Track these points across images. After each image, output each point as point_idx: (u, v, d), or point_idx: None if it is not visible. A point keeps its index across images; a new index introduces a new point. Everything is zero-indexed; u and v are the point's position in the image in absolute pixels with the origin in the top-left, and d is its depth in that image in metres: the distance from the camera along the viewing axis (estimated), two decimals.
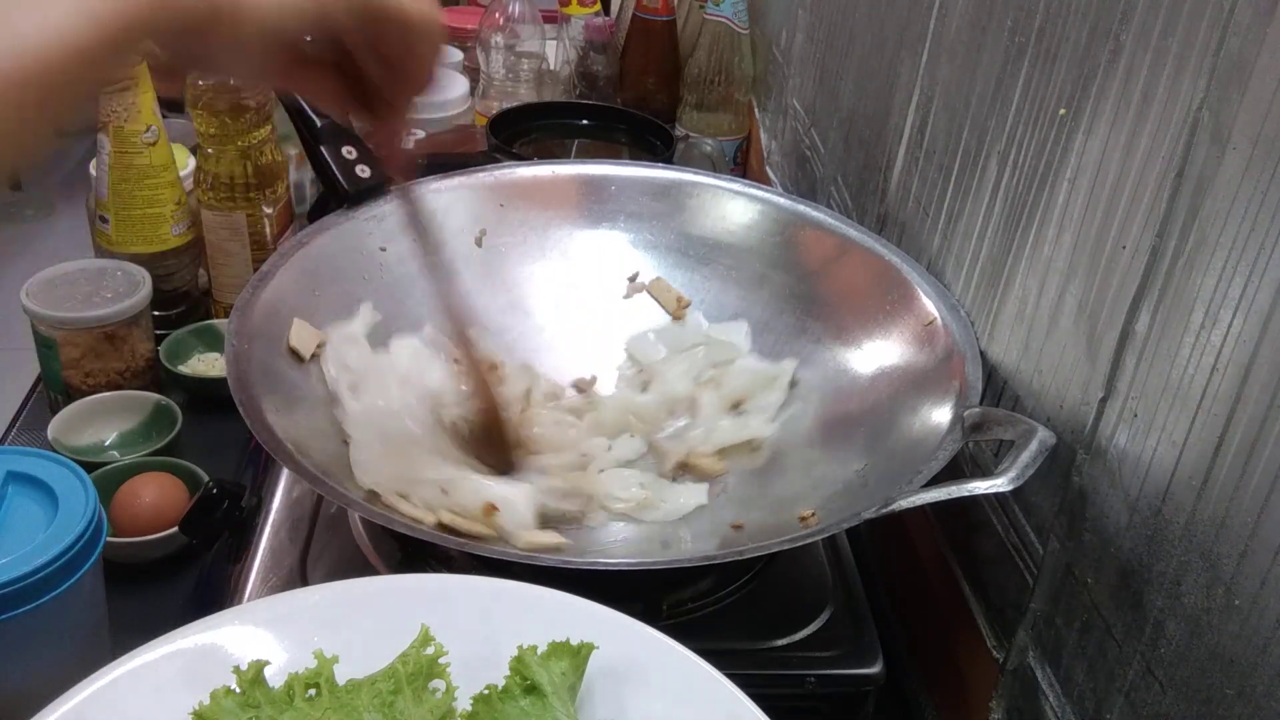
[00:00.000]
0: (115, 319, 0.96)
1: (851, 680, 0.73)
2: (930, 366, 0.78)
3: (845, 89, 1.08)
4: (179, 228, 1.07)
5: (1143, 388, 0.56)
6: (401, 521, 0.67)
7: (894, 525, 0.85)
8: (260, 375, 0.74)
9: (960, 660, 0.76)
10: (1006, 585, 0.70)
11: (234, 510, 0.82)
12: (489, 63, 1.44)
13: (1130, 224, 0.57)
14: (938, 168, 0.83)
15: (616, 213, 0.97)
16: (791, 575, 0.79)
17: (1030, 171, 0.68)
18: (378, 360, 0.83)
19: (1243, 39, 0.49)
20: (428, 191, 0.92)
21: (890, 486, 0.67)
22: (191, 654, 0.54)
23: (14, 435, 1.02)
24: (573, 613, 0.57)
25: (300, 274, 0.83)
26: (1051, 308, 0.66)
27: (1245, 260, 0.48)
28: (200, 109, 1.02)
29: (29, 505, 0.68)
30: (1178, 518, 0.52)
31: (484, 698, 0.51)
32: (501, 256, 0.94)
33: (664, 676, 0.55)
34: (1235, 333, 0.48)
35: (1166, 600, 0.53)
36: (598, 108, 1.37)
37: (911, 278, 0.83)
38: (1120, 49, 0.58)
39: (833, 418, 0.83)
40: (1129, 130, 0.58)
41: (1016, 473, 0.62)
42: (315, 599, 0.59)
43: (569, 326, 0.93)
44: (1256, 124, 0.47)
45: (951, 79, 0.81)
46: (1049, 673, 0.64)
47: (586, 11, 1.56)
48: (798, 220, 0.92)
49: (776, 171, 1.34)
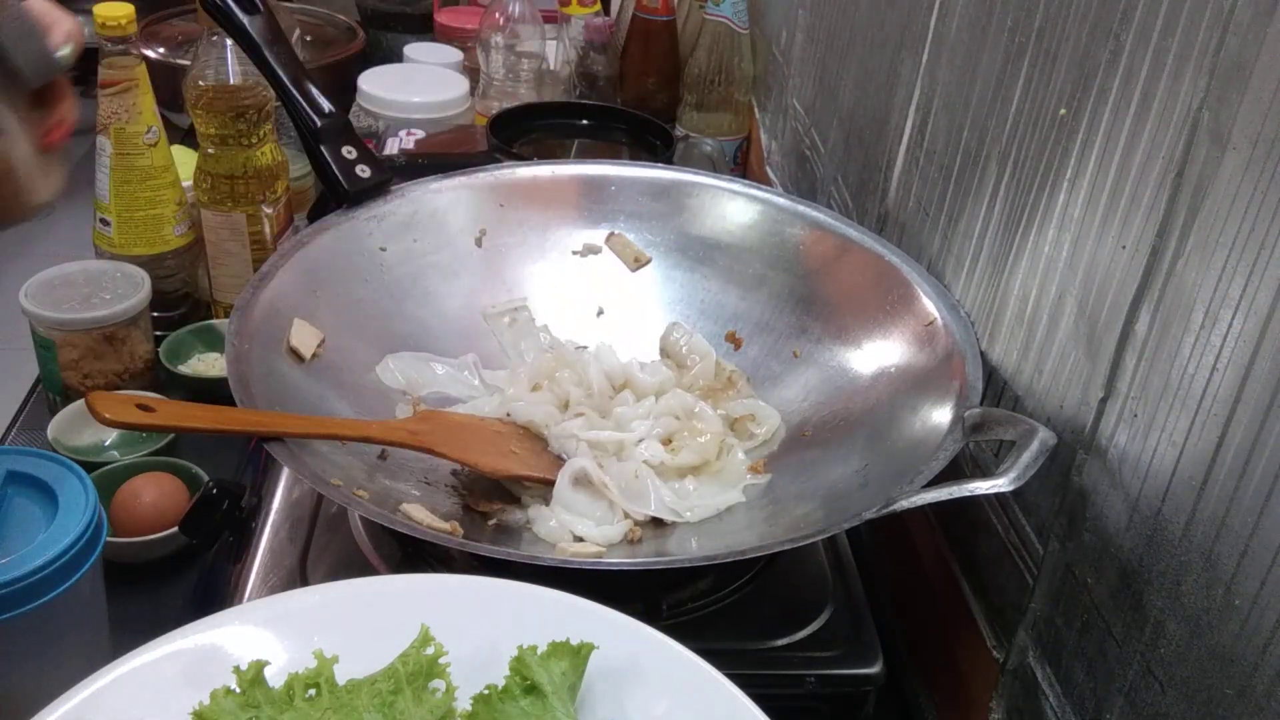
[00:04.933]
0: (114, 320, 0.96)
1: (851, 680, 0.73)
2: (931, 367, 0.78)
3: (845, 89, 1.08)
4: (180, 228, 1.07)
5: (1143, 388, 0.56)
6: (402, 521, 0.67)
7: (894, 525, 0.85)
8: (260, 375, 0.74)
9: (960, 660, 0.76)
10: (1006, 585, 0.70)
11: (234, 510, 0.82)
12: (489, 63, 1.44)
13: (1130, 224, 0.57)
14: (938, 168, 0.83)
15: (616, 213, 0.97)
16: (791, 575, 0.79)
17: (1030, 171, 0.68)
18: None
19: (1243, 39, 0.49)
20: (428, 191, 0.92)
21: (890, 486, 0.67)
22: (191, 654, 0.54)
23: (14, 435, 1.01)
24: (573, 613, 0.57)
25: (300, 274, 0.83)
26: (1051, 308, 0.66)
27: (1245, 260, 0.48)
28: (200, 109, 1.02)
29: (29, 505, 0.68)
30: (1178, 518, 0.52)
31: (484, 698, 0.52)
32: (501, 256, 0.94)
33: (664, 676, 0.55)
34: (1235, 333, 0.48)
35: (1166, 600, 0.53)
36: (598, 108, 1.37)
37: (912, 278, 0.83)
38: (1120, 49, 0.58)
39: (833, 418, 0.83)
40: (1129, 130, 0.58)
41: (1017, 473, 0.62)
42: (315, 599, 0.59)
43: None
44: (1256, 124, 0.47)
45: (951, 79, 0.81)
46: (1049, 673, 0.64)
47: (586, 11, 1.56)
48: (798, 220, 0.92)
49: (776, 171, 1.34)
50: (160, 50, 1.53)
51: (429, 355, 0.88)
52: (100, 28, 0.98)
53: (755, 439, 0.84)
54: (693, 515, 0.77)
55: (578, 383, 0.86)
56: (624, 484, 0.77)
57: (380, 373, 0.85)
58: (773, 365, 0.90)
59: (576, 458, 0.78)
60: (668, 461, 0.80)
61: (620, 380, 0.87)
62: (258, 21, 0.90)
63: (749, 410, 0.86)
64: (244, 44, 0.91)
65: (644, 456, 0.80)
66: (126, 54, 1.00)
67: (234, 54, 1.01)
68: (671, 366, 0.90)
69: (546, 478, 0.78)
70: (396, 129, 1.35)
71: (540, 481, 0.78)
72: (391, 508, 0.70)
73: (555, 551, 0.73)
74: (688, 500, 0.78)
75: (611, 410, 0.84)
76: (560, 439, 0.81)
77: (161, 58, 1.50)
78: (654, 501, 0.77)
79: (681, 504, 0.78)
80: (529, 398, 0.84)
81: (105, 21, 0.97)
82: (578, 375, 0.86)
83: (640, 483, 0.77)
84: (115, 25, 0.98)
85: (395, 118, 1.37)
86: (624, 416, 0.83)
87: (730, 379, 0.89)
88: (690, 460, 0.81)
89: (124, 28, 0.98)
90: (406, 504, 0.71)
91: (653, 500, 0.77)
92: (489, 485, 0.79)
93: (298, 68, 0.91)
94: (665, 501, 0.77)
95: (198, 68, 1.02)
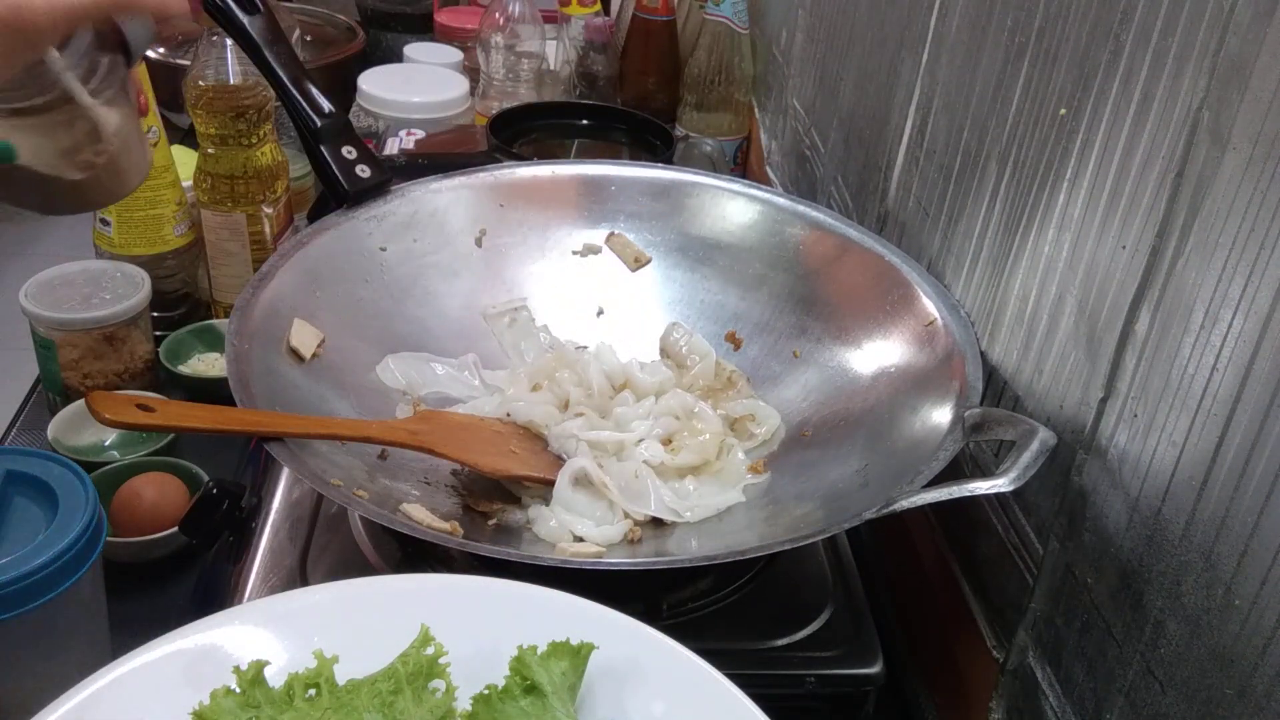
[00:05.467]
0: (114, 320, 0.96)
1: (851, 680, 0.73)
2: (931, 367, 0.78)
3: (845, 89, 1.08)
4: (180, 228, 1.07)
5: (1143, 388, 0.56)
6: (402, 521, 0.67)
7: (894, 525, 0.85)
8: (260, 375, 0.74)
9: (960, 660, 0.76)
10: (1006, 585, 0.70)
11: (234, 510, 0.82)
12: (489, 63, 1.44)
13: (1130, 224, 0.57)
14: (938, 168, 0.83)
15: (616, 213, 0.97)
16: (791, 575, 0.79)
17: (1030, 171, 0.68)
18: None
19: (1243, 39, 0.49)
20: (428, 191, 0.92)
21: (890, 486, 0.67)
22: (191, 654, 0.54)
23: (14, 435, 1.02)
24: (573, 613, 0.57)
25: (300, 274, 0.83)
26: (1051, 308, 0.66)
27: (1245, 260, 0.48)
28: (200, 109, 1.02)
29: (29, 505, 0.68)
30: (1178, 518, 0.52)
31: (484, 698, 0.51)
32: (501, 256, 0.94)
33: (664, 676, 0.55)
34: (1235, 333, 0.48)
35: (1166, 600, 0.53)
36: (598, 108, 1.37)
37: (912, 278, 0.83)
38: (1120, 49, 0.58)
39: (833, 418, 0.83)
40: (1129, 130, 0.58)
41: (1018, 473, 0.62)
42: (315, 599, 0.59)
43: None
44: (1256, 124, 0.47)
45: (951, 79, 0.81)
46: (1049, 673, 0.64)
47: (586, 11, 1.56)
48: (798, 220, 0.92)
49: (776, 171, 1.34)
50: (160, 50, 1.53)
51: (429, 355, 0.88)
52: None
53: (755, 439, 0.84)
54: (693, 515, 0.77)
55: (578, 383, 0.86)
56: (624, 484, 0.77)
57: (380, 373, 0.85)
58: (773, 365, 0.90)
59: (576, 458, 0.78)
60: (668, 461, 0.80)
61: (620, 380, 0.87)
62: (258, 21, 0.90)
63: (749, 410, 0.86)
64: (244, 44, 0.91)
65: (644, 456, 0.80)
66: None
67: (234, 54, 1.01)
68: (671, 366, 0.90)
69: (546, 478, 0.78)
70: (396, 129, 1.35)
71: (540, 481, 0.78)
72: (391, 508, 0.70)
73: (555, 551, 0.73)
74: (688, 500, 0.78)
75: (611, 410, 0.84)
76: (560, 439, 0.81)
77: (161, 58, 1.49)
78: (654, 501, 0.77)
79: (681, 504, 0.78)
80: (529, 398, 0.84)
81: None
82: (578, 375, 0.86)
83: (640, 483, 0.77)
84: None
85: (395, 118, 1.37)
86: (624, 416, 0.83)
87: (730, 379, 0.89)
88: (690, 460, 0.81)
89: None
90: (406, 504, 0.71)
91: (653, 500, 0.77)
92: (489, 485, 0.79)
93: (298, 68, 0.91)
94: (665, 501, 0.77)
95: (198, 68, 1.02)
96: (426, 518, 0.70)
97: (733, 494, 0.79)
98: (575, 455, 0.79)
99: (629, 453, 0.80)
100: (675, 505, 0.77)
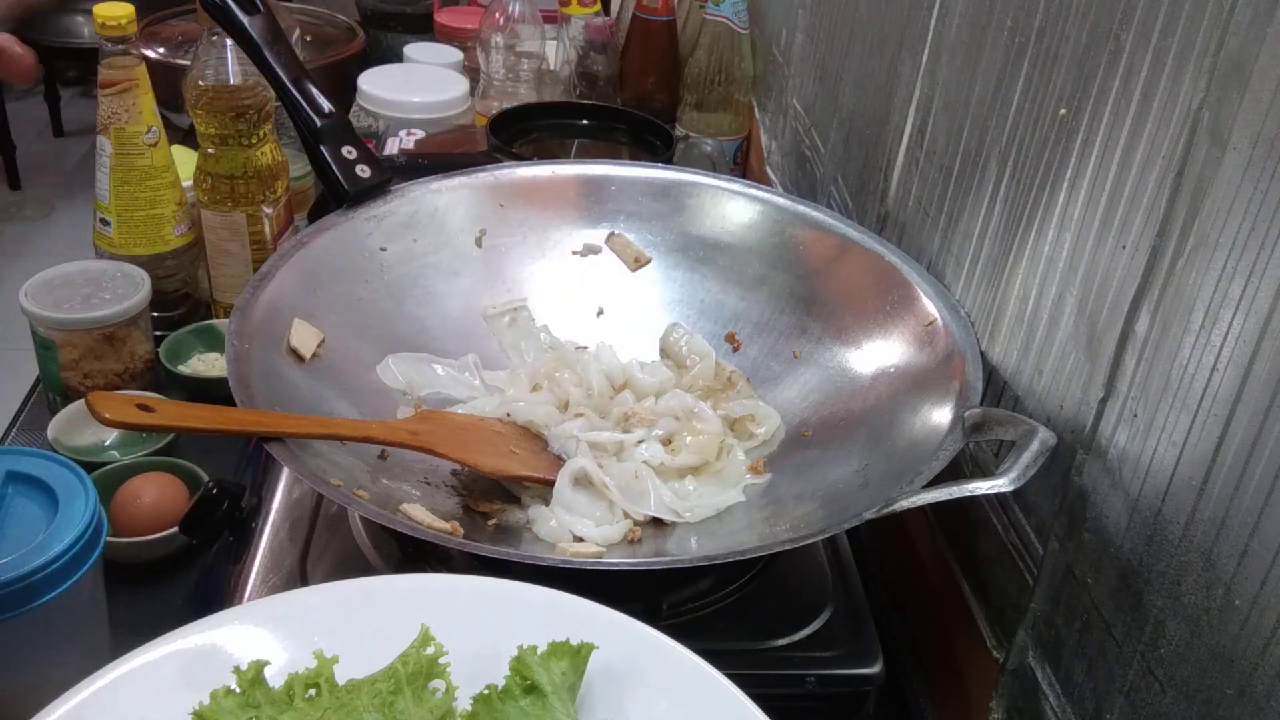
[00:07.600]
0: (114, 320, 0.96)
1: (851, 680, 0.73)
2: (931, 367, 0.78)
3: (845, 89, 1.08)
4: (180, 228, 1.07)
5: (1143, 388, 0.56)
6: (402, 521, 0.67)
7: (894, 525, 0.85)
8: (260, 375, 0.74)
9: (960, 660, 0.76)
10: (1006, 585, 0.70)
11: (234, 510, 0.82)
12: (489, 63, 1.44)
13: (1130, 224, 0.57)
14: (938, 168, 0.83)
15: (616, 213, 0.97)
16: (791, 575, 0.79)
17: (1030, 171, 0.68)
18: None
19: (1243, 39, 0.49)
20: (428, 191, 0.92)
21: (890, 486, 0.67)
22: (191, 654, 0.54)
23: (14, 435, 1.01)
24: (573, 613, 0.57)
25: (300, 274, 0.83)
26: (1051, 308, 0.66)
27: (1245, 260, 0.48)
28: (200, 109, 1.02)
29: (29, 505, 0.68)
30: (1178, 518, 0.52)
31: (484, 698, 0.52)
32: (501, 256, 0.94)
33: (664, 676, 0.55)
34: (1235, 333, 0.48)
35: (1166, 600, 0.53)
36: (598, 108, 1.37)
37: (912, 278, 0.83)
38: (1120, 49, 0.58)
39: (833, 418, 0.83)
40: (1129, 130, 0.58)
41: (1018, 473, 0.62)
42: (315, 599, 0.59)
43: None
44: (1256, 124, 0.47)
45: (951, 79, 0.81)
46: (1049, 673, 0.64)
47: (586, 11, 1.56)
48: (798, 220, 0.92)
49: (776, 171, 1.34)
50: (160, 50, 1.53)
51: (429, 355, 0.88)
52: (100, 28, 0.98)
53: (755, 439, 0.84)
54: (693, 515, 0.77)
55: (578, 383, 0.86)
56: (624, 484, 0.77)
57: (380, 373, 0.85)
58: (773, 365, 0.90)
59: (576, 458, 0.78)
60: (668, 462, 0.80)
61: (620, 380, 0.87)
62: (258, 21, 0.90)
63: (749, 410, 0.86)
64: (244, 44, 0.91)
65: (644, 457, 0.80)
66: (126, 54, 1.00)
67: (234, 54, 1.01)
68: (671, 367, 0.90)
69: (546, 478, 0.78)
70: (396, 129, 1.35)
71: (540, 481, 0.78)
72: (392, 508, 0.70)
73: (555, 551, 0.73)
74: (688, 500, 0.78)
75: (611, 410, 0.84)
76: (560, 439, 0.81)
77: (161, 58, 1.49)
78: (654, 501, 0.77)
79: (681, 504, 0.78)
80: (529, 398, 0.84)
81: (105, 21, 0.97)
82: (578, 375, 0.86)
83: (640, 483, 0.77)
84: (115, 25, 0.98)
85: (395, 118, 1.37)
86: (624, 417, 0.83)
87: (730, 379, 0.89)
88: (690, 460, 0.81)
89: (124, 28, 0.98)
90: (406, 504, 0.71)
91: (652, 500, 0.77)
92: (489, 485, 0.79)
93: (298, 68, 0.91)
94: (665, 501, 0.77)
95: (198, 68, 1.02)
96: (426, 518, 0.70)
97: (733, 494, 0.79)
98: (575, 455, 0.79)
99: (629, 453, 0.80)
100: (675, 505, 0.77)
